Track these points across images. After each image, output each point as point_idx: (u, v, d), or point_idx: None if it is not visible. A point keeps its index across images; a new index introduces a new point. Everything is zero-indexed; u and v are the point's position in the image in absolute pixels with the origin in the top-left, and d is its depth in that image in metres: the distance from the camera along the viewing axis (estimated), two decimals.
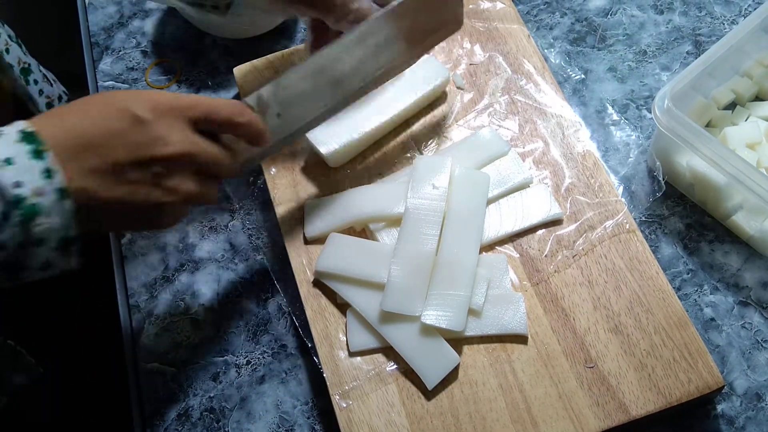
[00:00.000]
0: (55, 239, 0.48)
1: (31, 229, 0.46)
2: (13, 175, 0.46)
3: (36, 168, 0.46)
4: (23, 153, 0.46)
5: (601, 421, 0.58)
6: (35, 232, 0.47)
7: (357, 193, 0.69)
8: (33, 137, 0.47)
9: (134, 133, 0.50)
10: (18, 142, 0.47)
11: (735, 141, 0.70)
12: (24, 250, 0.47)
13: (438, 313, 0.61)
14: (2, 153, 0.46)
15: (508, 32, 0.78)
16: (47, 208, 0.47)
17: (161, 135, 0.51)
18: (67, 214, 0.48)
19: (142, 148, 0.50)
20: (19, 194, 0.46)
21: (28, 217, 0.46)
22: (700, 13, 0.83)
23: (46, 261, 0.49)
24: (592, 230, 0.66)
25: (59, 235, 0.48)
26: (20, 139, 0.47)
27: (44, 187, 0.46)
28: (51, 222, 0.47)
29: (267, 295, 0.71)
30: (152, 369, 0.68)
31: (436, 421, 0.60)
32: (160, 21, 0.90)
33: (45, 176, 0.47)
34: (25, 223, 0.46)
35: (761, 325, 0.66)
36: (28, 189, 0.46)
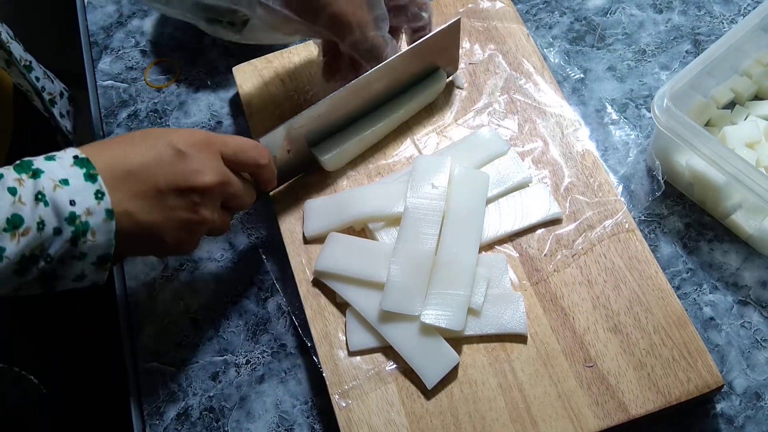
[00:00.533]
0: (95, 255, 0.52)
1: (78, 245, 0.51)
2: (69, 195, 0.50)
3: (89, 189, 0.51)
4: (78, 175, 0.51)
5: (601, 421, 0.58)
6: (81, 248, 0.51)
7: (356, 192, 0.69)
8: (86, 162, 0.52)
9: (175, 164, 0.55)
10: (72, 165, 0.51)
11: (734, 140, 0.70)
12: (66, 263, 0.52)
13: (437, 312, 0.61)
14: (59, 174, 0.51)
15: (508, 31, 0.78)
16: (94, 227, 0.51)
17: (199, 167, 0.56)
18: (110, 233, 0.52)
19: (182, 177, 0.55)
20: (73, 212, 0.50)
21: (79, 234, 0.50)
22: (700, 12, 0.83)
23: (81, 273, 0.53)
24: (592, 229, 0.66)
25: (99, 252, 0.52)
26: (74, 163, 0.52)
27: (95, 207, 0.51)
28: (96, 240, 0.51)
29: (266, 295, 0.71)
30: (152, 368, 0.68)
31: (435, 420, 0.60)
32: (159, 20, 0.90)
33: (96, 197, 0.51)
34: (75, 239, 0.50)
35: (760, 324, 0.66)
36: (82, 208, 0.50)
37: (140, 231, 0.55)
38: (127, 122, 0.83)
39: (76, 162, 0.52)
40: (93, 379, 0.86)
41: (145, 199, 0.54)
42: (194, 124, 0.82)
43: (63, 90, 0.87)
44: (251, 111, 0.76)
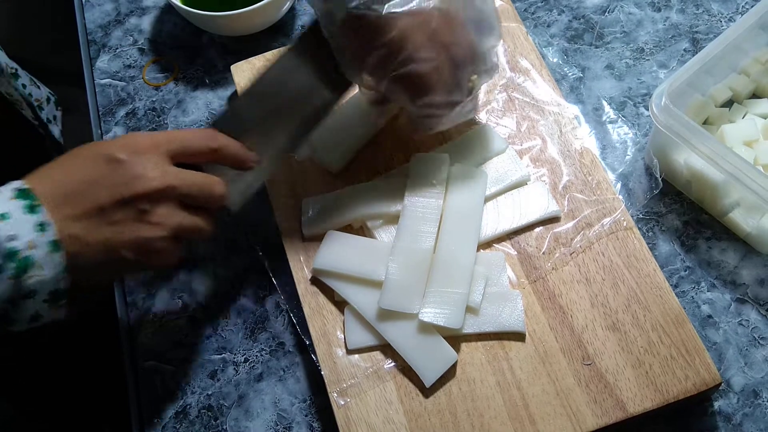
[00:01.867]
0: (45, 291, 0.50)
1: (23, 281, 0.48)
2: (8, 229, 0.48)
3: (30, 222, 0.49)
4: (18, 208, 0.49)
5: (599, 418, 0.58)
6: (27, 284, 0.49)
7: (355, 190, 0.69)
8: (27, 193, 0.50)
9: (114, 175, 0.52)
10: (13, 198, 0.49)
11: (732, 138, 0.70)
12: (14, 303, 0.49)
13: (436, 310, 0.61)
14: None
15: (506, 30, 0.78)
16: (40, 261, 0.49)
17: (139, 172, 0.53)
18: (58, 266, 0.50)
19: (122, 188, 0.52)
20: (13, 247, 0.48)
21: (22, 270, 0.48)
22: (698, 11, 0.83)
23: (35, 313, 0.51)
24: (590, 228, 0.66)
25: (49, 287, 0.50)
26: (15, 195, 0.49)
27: (37, 239, 0.49)
28: (43, 274, 0.49)
29: (264, 293, 0.71)
30: (150, 367, 0.68)
31: (434, 418, 0.60)
32: (158, 18, 0.90)
33: (38, 229, 0.49)
34: (18, 275, 0.48)
35: (758, 322, 0.66)
36: (23, 242, 0.48)
37: (94, 253, 0.52)
38: (125, 120, 0.83)
39: (16, 195, 0.49)
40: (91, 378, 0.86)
41: (89, 218, 0.51)
42: (192, 123, 0.82)
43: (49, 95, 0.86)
44: None
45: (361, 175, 0.72)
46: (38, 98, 0.83)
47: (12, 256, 0.48)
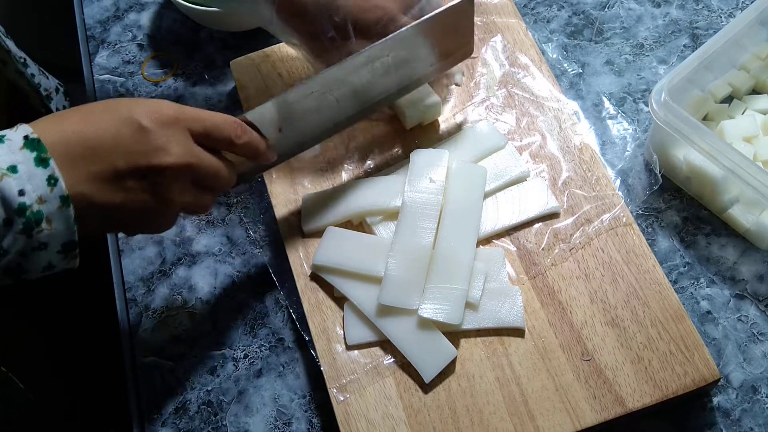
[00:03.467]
0: (58, 244, 0.49)
1: (33, 235, 0.47)
2: (18, 184, 0.46)
3: (40, 175, 0.47)
4: (27, 160, 0.47)
5: (598, 414, 0.58)
6: (38, 238, 0.47)
7: (354, 186, 0.69)
8: (37, 144, 0.47)
9: (136, 142, 0.51)
10: (22, 148, 0.47)
11: (732, 134, 0.70)
12: (27, 256, 0.48)
13: (435, 306, 0.61)
14: (6, 160, 0.46)
15: (506, 26, 0.78)
16: (50, 215, 0.47)
17: (162, 145, 0.51)
18: (69, 220, 0.48)
19: (143, 157, 0.51)
20: (23, 202, 0.46)
21: (32, 225, 0.47)
22: (698, 6, 0.83)
23: (48, 264, 0.50)
24: (589, 224, 0.66)
25: (61, 240, 0.49)
26: (24, 145, 0.47)
27: (47, 194, 0.47)
28: (53, 228, 0.48)
29: (264, 289, 0.71)
30: (150, 363, 0.69)
31: (433, 414, 0.60)
32: (157, 14, 0.90)
33: (48, 183, 0.47)
34: (28, 230, 0.47)
35: (757, 318, 0.66)
36: (32, 197, 0.47)
37: (97, 213, 0.50)
38: None
39: (26, 144, 0.47)
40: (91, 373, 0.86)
41: (102, 180, 0.50)
42: None
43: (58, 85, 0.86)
44: (249, 105, 0.76)
45: (360, 172, 0.71)
46: (47, 88, 0.83)
47: (22, 211, 0.46)
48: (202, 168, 0.54)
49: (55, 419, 0.80)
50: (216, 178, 0.56)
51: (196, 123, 0.54)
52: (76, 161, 0.49)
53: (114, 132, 0.50)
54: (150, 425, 0.66)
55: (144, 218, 0.54)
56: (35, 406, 0.73)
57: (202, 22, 0.85)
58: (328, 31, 0.61)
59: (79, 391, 0.84)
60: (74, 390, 0.84)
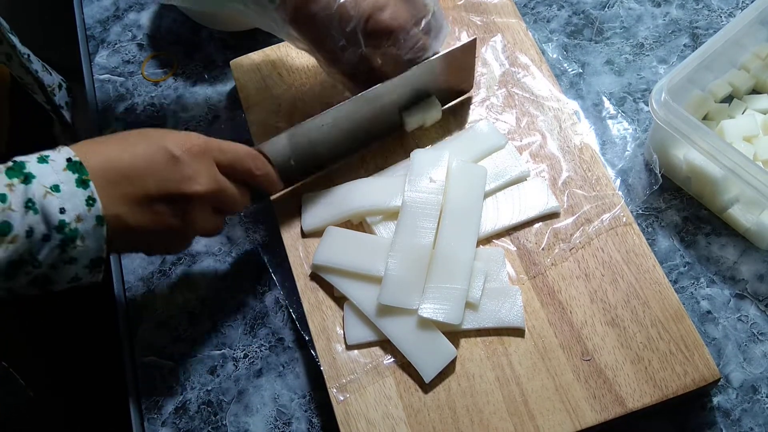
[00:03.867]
0: (87, 259, 0.52)
1: (68, 251, 0.50)
2: (59, 202, 0.49)
3: (80, 196, 0.50)
4: (69, 181, 0.50)
5: (598, 414, 0.58)
6: (70, 253, 0.51)
7: (354, 186, 0.69)
8: (79, 166, 0.51)
9: (168, 170, 0.55)
10: (65, 170, 0.51)
11: (732, 134, 0.70)
12: (56, 268, 0.51)
13: (435, 306, 0.61)
14: (51, 179, 0.50)
15: (506, 25, 0.78)
16: (85, 233, 0.51)
17: (192, 175, 0.56)
18: (101, 238, 0.52)
19: (174, 184, 0.55)
20: (63, 220, 0.49)
21: (67, 241, 0.50)
22: (698, 6, 0.83)
23: (74, 276, 0.53)
24: (589, 223, 0.66)
25: (90, 256, 0.52)
26: (67, 167, 0.51)
27: (85, 214, 0.50)
28: (86, 245, 0.51)
29: (264, 289, 0.71)
30: (150, 363, 0.69)
31: (433, 414, 0.60)
32: (156, 14, 0.90)
33: (87, 204, 0.51)
34: (64, 245, 0.50)
35: (757, 317, 0.66)
36: (71, 215, 0.50)
37: (127, 234, 0.54)
38: (124, 116, 0.83)
39: (68, 166, 0.51)
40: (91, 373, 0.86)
41: (134, 203, 0.54)
42: (192, 118, 0.82)
43: (61, 82, 0.86)
44: (249, 105, 0.76)
45: (360, 171, 0.71)
46: (50, 84, 0.84)
47: (61, 228, 0.49)
48: (225, 195, 0.59)
49: (55, 418, 0.80)
50: (235, 204, 0.61)
51: (221, 155, 0.59)
52: (112, 185, 0.53)
53: (148, 160, 0.54)
54: (150, 425, 0.66)
55: (167, 239, 0.59)
56: (36, 403, 0.73)
57: (202, 22, 0.85)
58: (339, 41, 0.62)
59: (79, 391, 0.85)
60: (74, 390, 0.84)
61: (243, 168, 0.61)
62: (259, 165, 0.62)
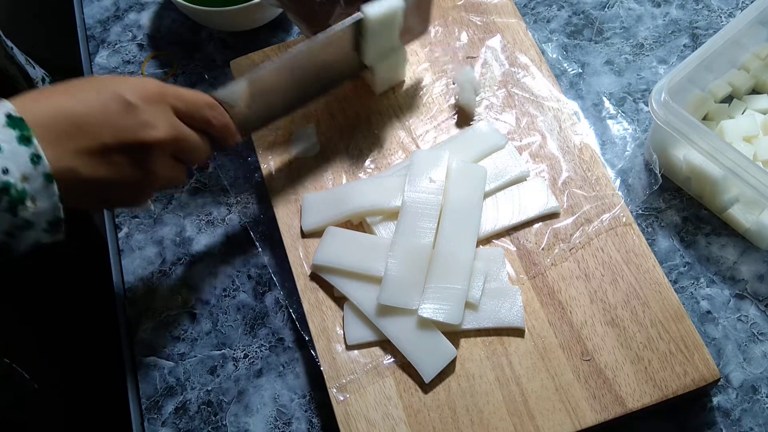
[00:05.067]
0: (44, 222, 0.49)
1: (18, 214, 0.47)
2: (2, 162, 0.46)
3: (23, 154, 0.47)
4: (10, 139, 0.47)
5: (598, 414, 0.58)
6: (23, 216, 0.48)
7: (354, 186, 0.69)
8: (19, 122, 0.47)
9: (124, 117, 0.51)
10: (4, 126, 0.47)
11: (732, 134, 0.70)
12: (14, 236, 0.48)
13: (435, 306, 0.61)
14: None
15: (506, 25, 0.78)
16: (34, 193, 0.47)
17: (149, 120, 0.52)
18: (54, 197, 0.49)
19: (131, 132, 0.52)
20: (6, 181, 0.46)
21: (16, 202, 0.47)
22: (698, 6, 0.83)
23: (36, 241, 0.50)
24: (589, 223, 0.66)
25: (47, 218, 0.49)
26: (6, 124, 0.47)
27: (31, 172, 0.47)
28: (38, 206, 0.48)
29: (264, 289, 0.71)
30: (150, 363, 0.69)
31: (433, 414, 0.60)
32: (156, 14, 0.90)
33: (32, 162, 0.47)
34: (13, 208, 0.47)
35: (757, 317, 0.66)
36: (16, 175, 0.47)
37: (84, 188, 0.51)
38: None
39: (8, 122, 0.47)
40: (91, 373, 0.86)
41: (89, 155, 0.50)
42: None
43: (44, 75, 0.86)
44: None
45: (360, 171, 0.71)
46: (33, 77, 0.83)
47: (6, 189, 0.46)
48: (185, 142, 0.56)
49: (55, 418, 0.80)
50: (196, 152, 0.58)
51: (178, 101, 0.56)
52: (62, 137, 0.49)
53: (101, 108, 0.51)
54: (150, 425, 0.66)
55: (127, 192, 0.55)
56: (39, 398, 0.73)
57: (202, 22, 0.85)
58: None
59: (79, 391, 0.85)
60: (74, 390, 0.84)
61: (201, 116, 0.58)
62: (216, 114, 0.59)
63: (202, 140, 0.59)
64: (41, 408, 0.76)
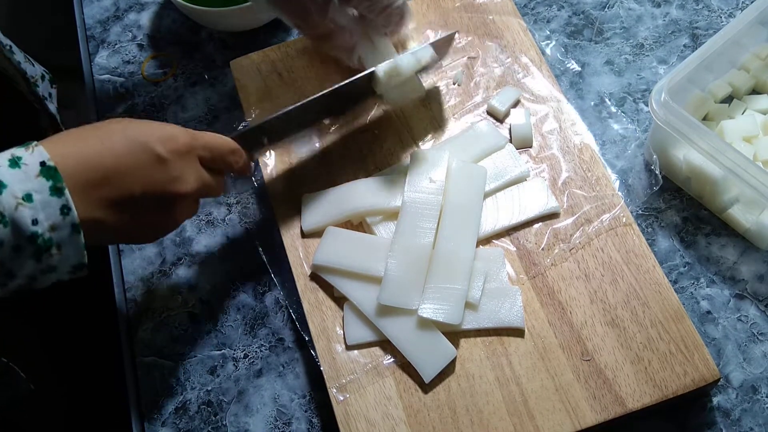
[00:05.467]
0: (68, 266, 0.50)
1: (44, 260, 0.48)
2: (32, 213, 0.47)
3: (54, 205, 0.48)
4: (43, 189, 0.47)
5: (598, 414, 0.58)
6: (48, 262, 0.49)
7: (354, 186, 0.69)
8: (54, 172, 0.48)
9: (155, 171, 0.53)
10: (38, 176, 0.47)
11: (732, 134, 0.70)
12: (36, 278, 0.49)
13: (435, 306, 0.61)
14: (22, 188, 0.47)
15: (506, 25, 0.78)
16: (60, 242, 0.48)
17: (179, 174, 0.54)
18: (79, 245, 0.49)
19: (160, 186, 0.53)
20: (35, 231, 0.47)
21: (41, 251, 0.48)
22: (698, 6, 0.83)
23: (58, 281, 0.51)
24: (589, 224, 0.66)
25: (71, 263, 0.50)
26: (41, 173, 0.48)
27: (60, 223, 0.48)
28: (63, 253, 0.49)
29: (264, 289, 0.71)
30: (150, 363, 0.69)
31: (433, 414, 0.60)
32: (156, 14, 0.90)
33: (61, 213, 0.48)
34: (38, 255, 0.48)
35: (757, 318, 0.66)
36: (45, 226, 0.47)
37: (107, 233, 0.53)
38: (124, 116, 0.83)
39: (42, 171, 0.48)
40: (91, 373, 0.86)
41: (115, 205, 0.51)
42: (192, 118, 0.82)
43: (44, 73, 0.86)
44: (248, 105, 0.76)
45: (360, 171, 0.71)
46: (33, 75, 0.83)
47: (33, 239, 0.47)
48: (210, 191, 0.59)
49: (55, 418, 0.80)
50: (216, 194, 0.61)
51: (205, 150, 0.58)
52: (91, 187, 0.50)
53: (132, 160, 0.52)
54: (150, 425, 0.66)
55: (148, 233, 0.58)
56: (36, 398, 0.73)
57: (202, 22, 0.85)
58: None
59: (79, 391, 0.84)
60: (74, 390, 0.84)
61: (224, 162, 0.60)
62: (238, 159, 0.62)
63: (222, 185, 0.62)
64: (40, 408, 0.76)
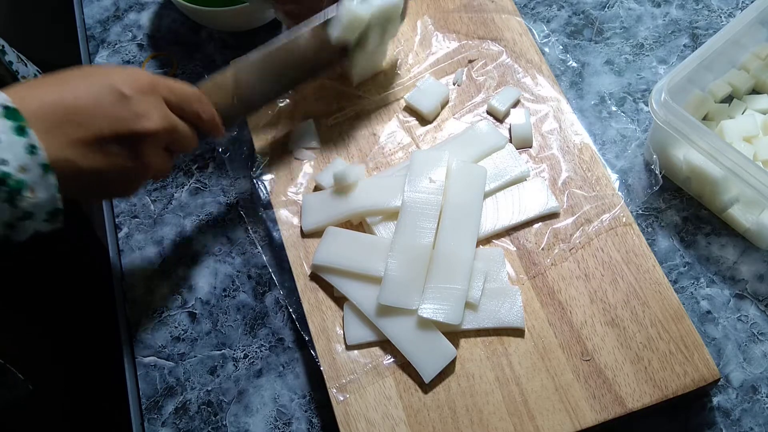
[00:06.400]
0: (43, 212, 0.50)
1: (17, 204, 0.48)
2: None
3: (19, 144, 0.47)
4: (6, 129, 0.47)
5: (598, 414, 0.58)
6: (22, 207, 0.48)
7: (354, 186, 0.69)
8: (15, 113, 0.48)
9: (118, 108, 0.53)
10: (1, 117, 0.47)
11: (732, 134, 0.70)
12: (14, 227, 0.49)
13: (435, 306, 0.61)
14: None
15: (506, 25, 0.78)
16: (32, 184, 0.48)
17: (143, 112, 0.54)
18: (52, 187, 0.49)
19: (125, 123, 0.53)
20: (4, 171, 0.47)
21: (14, 193, 0.47)
22: (698, 6, 0.83)
23: (36, 231, 0.51)
24: (589, 223, 0.66)
25: (46, 209, 0.50)
26: (2, 115, 0.48)
27: (28, 163, 0.48)
28: (37, 196, 0.49)
29: (264, 289, 0.71)
30: (150, 363, 0.69)
31: (433, 414, 0.60)
32: (156, 14, 0.90)
33: (28, 152, 0.48)
34: (12, 199, 0.47)
35: (757, 317, 0.66)
36: (14, 165, 0.47)
37: (80, 178, 0.52)
38: None
39: (4, 113, 0.47)
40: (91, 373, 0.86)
41: (84, 145, 0.51)
42: None
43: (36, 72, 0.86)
44: None
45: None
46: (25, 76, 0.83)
47: (4, 180, 0.47)
48: (177, 133, 0.58)
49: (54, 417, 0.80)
50: (186, 143, 0.60)
51: (170, 93, 0.57)
52: (57, 128, 0.50)
53: (95, 99, 0.52)
54: (150, 425, 0.66)
55: (121, 182, 0.56)
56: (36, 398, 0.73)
57: (202, 22, 0.85)
58: None
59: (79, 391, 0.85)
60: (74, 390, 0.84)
61: (190, 109, 0.59)
62: (204, 108, 0.61)
63: (191, 131, 0.60)
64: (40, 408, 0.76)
